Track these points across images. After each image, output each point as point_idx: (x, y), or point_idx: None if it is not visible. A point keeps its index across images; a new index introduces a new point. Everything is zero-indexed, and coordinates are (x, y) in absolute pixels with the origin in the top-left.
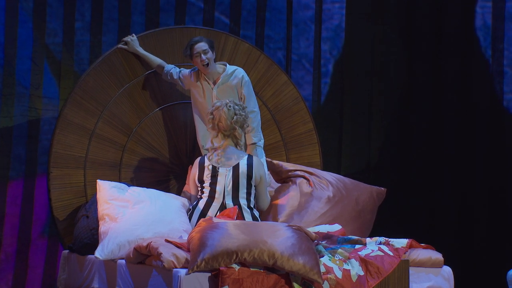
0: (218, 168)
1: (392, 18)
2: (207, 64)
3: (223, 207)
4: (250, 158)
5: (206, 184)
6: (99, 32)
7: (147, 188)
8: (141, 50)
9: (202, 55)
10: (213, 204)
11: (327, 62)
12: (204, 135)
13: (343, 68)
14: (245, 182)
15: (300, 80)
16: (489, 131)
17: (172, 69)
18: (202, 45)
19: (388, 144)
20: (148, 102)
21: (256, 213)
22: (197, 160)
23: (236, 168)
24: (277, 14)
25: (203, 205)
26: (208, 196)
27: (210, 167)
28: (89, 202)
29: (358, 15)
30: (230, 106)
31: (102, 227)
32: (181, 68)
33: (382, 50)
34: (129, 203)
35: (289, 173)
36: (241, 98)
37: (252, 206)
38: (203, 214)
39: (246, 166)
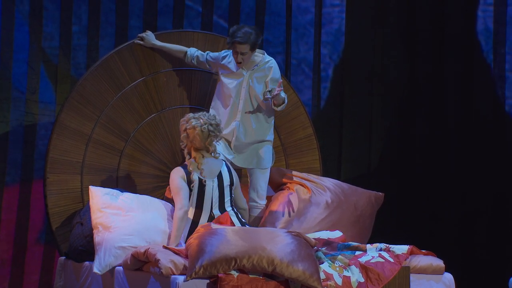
0: (205, 181)
1: (393, 22)
2: (241, 63)
3: (211, 217)
4: (226, 165)
5: (193, 196)
6: (96, 36)
7: (143, 195)
8: (158, 43)
9: (240, 55)
10: (202, 215)
11: (327, 67)
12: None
13: (343, 73)
14: (229, 189)
15: (299, 85)
16: (491, 136)
17: (197, 53)
18: (244, 48)
19: (388, 148)
20: (145, 107)
21: (241, 216)
22: (180, 171)
23: (220, 178)
24: (276, 17)
25: (192, 216)
26: (196, 207)
27: (196, 178)
28: (83, 209)
29: (358, 19)
30: (204, 128)
31: (97, 237)
32: (207, 51)
33: (382, 54)
34: (121, 211)
35: (287, 179)
36: (267, 86)
37: (236, 211)
38: (194, 224)
39: (227, 173)
